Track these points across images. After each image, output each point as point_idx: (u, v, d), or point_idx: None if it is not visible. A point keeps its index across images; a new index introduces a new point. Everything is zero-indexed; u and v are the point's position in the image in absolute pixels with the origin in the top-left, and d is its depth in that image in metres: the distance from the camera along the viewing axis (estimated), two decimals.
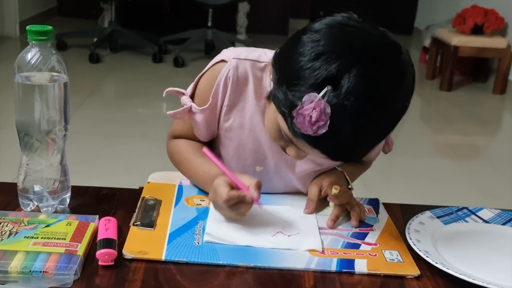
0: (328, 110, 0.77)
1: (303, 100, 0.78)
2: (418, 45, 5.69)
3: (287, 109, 0.81)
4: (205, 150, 0.98)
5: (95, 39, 4.73)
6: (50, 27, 0.91)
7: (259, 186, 0.94)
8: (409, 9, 6.85)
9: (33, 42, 0.90)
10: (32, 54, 0.90)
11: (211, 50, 4.90)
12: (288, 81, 0.81)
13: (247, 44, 5.14)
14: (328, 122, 0.77)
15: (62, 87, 0.92)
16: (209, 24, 4.79)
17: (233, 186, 0.94)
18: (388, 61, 0.80)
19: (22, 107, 0.92)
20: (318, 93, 0.77)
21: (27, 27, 0.90)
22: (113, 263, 0.83)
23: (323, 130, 0.78)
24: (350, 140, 0.81)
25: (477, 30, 4.37)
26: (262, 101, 1.02)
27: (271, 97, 0.87)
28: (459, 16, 4.48)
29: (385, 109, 0.81)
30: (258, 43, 5.10)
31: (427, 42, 5.02)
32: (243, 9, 5.35)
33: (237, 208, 0.93)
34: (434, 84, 4.67)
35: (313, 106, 0.76)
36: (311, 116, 0.77)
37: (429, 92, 4.57)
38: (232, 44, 4.96)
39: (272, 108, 0.88)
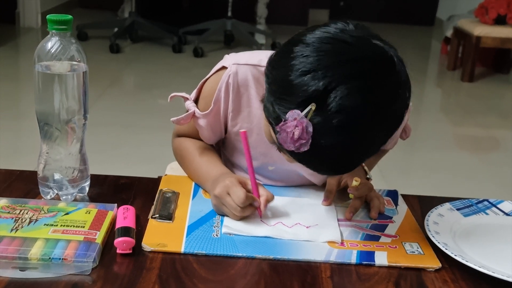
0: (310, 129, 0.75)
1: (286, 116, 0.77)
2: (440, 36, 5.62)
3: (273, 121, 0.81)
4: (242, 133, 0.95)
5: (115, 30, 4.75)
6: (69, 17, 0.91)
7: (268, 201, 0.95)
8: None
9: (53, 31, 0.91)
10: (52, 44, 0.91)
11: (231, 40, 4.90)
12: (276, 94, 0.80)
13: (266, 34, 5.11)
14: (310, 141, 0.76)
15: (82, 76, 0.93)
16: (229, 14, 4.78)
17: (244, 188, 0.94)
18: (377, 81, 0.77)
19: (42, 97, 0.92)
20: (303, 111, 0.76)
21: (47, 17, 0.91)
22: (131, 251, 0.84)
23: (305, 148, 0.76)
24: (334, 158, 0.80)
25: (500, 21, 4.29)
26: None
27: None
28: (481, 6, 4.41)
29: (372, 130, 0.78)
30: (277, 34, 5.08)
31: (449, 33, 4.95)
32: (263, 0, 5.33)
33: (245, 210, 0.94)
34: (455, 76, 4.62)
35: (296, 124, 0.75)
36: (293, 134, 0.76)
37: (450, 83, 4.51)
38: (252, 35, 4.95)
39: None
